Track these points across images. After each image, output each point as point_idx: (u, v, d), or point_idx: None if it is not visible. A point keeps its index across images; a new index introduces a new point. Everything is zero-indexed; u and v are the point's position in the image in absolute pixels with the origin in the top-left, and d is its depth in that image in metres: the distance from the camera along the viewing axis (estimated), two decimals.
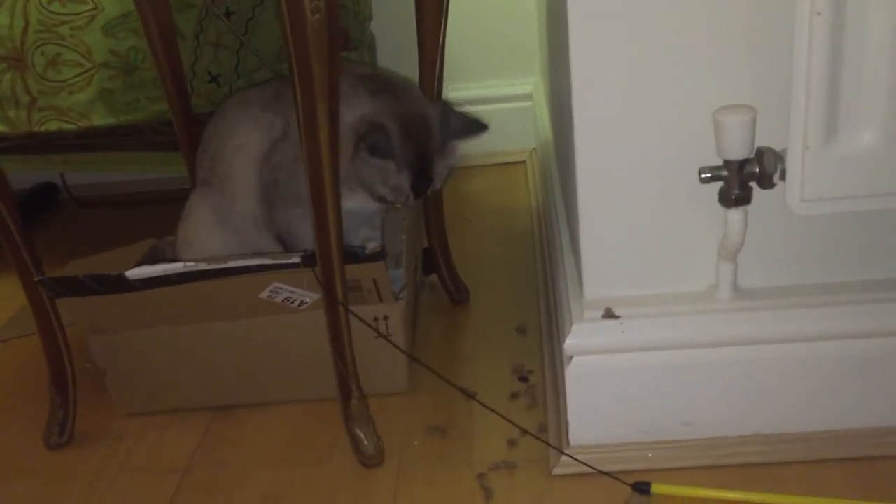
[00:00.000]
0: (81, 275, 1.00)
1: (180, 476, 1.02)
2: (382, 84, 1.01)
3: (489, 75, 1.83)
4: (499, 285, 1.37)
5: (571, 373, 0.91)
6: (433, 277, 1.33)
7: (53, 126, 1.37)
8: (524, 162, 1.86)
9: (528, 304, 1.29)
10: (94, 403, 1.14)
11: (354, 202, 1.00)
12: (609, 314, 0.90)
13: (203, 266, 0.99)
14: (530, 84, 1.85)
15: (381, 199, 1.01)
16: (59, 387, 1.09)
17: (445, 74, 1.19)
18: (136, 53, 1.33)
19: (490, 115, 1.05)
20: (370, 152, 0.96)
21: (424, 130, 1.00)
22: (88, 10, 1.32)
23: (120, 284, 1.00)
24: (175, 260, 1.04)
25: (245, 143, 1.04)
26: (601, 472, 0.91)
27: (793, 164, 0.76)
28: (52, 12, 1.32)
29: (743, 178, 0.81)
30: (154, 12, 1.13)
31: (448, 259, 1.31)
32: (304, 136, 0.88)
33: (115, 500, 1.00)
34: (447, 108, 1.03)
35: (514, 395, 1.08)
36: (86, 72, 1.34)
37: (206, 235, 1.07)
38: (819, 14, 0.70)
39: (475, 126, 1.02)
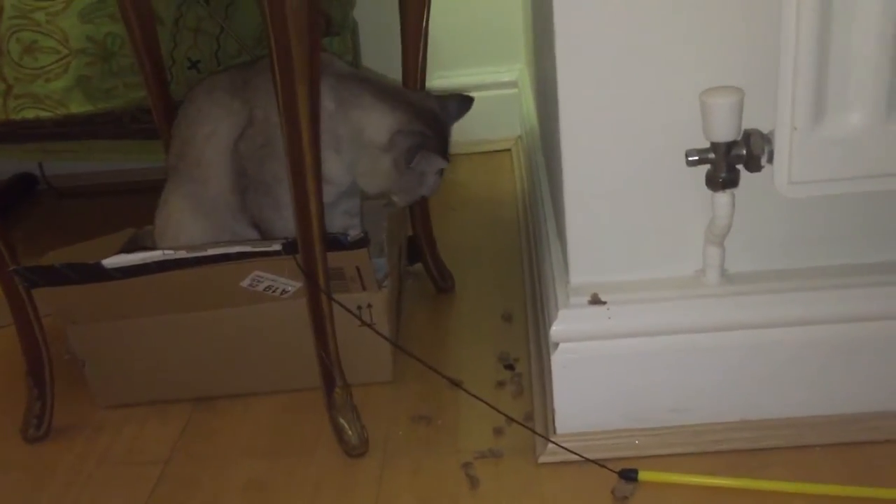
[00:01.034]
0: (58, 263, 0.98)
1: (161, 468, 1.00)
2: (388, 89, 1.01)
3: (474, 63, 1.82)
4: (484, 273, 1.36)
5: (558, 360, 0.90)
6: (418, 266, 1.32)
7: (30, 114, 1.34)
8: (509, 150, 1.84)
9: (513, 292, 1.28)
10: (73, 395, 1.12)
11: (333, 190, 0.99)
12: (595, 300, 0.89)
13: (182, 254, 0.97)
14: (515, 71, 1.83)
15: (414, 198, 1.05)
16: (37, 379, 1.07)
17: (429, 62, 1.17)
18: (113, 39, 1.30)
19: (475, 103, 1.05)
20: (422, 163, 0.98)
21: (441, 124, 1.02)
22: None
23: (97, 273, 0.98)
24: (155, 248, 1.02)
25: (216, 131, 1.02)
26: (588, 460, 0.90)
27: (780, 146, 0.75)
28: None
29: (730, 161, 0.80)
30: None
31: (433, 247, 1.30)
32: (285, 121, 0.86)
33: (95, 493, 0.98)
34: (438, 97, 1.05)
35: (501, 384, 1.07)
36: (62, 58, 1.31)
37: (182, 223, 1.05)
38: None
39: (465, 103, 1.05)
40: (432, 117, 1.01)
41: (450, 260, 1.33)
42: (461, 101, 1.05)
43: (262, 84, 0.97)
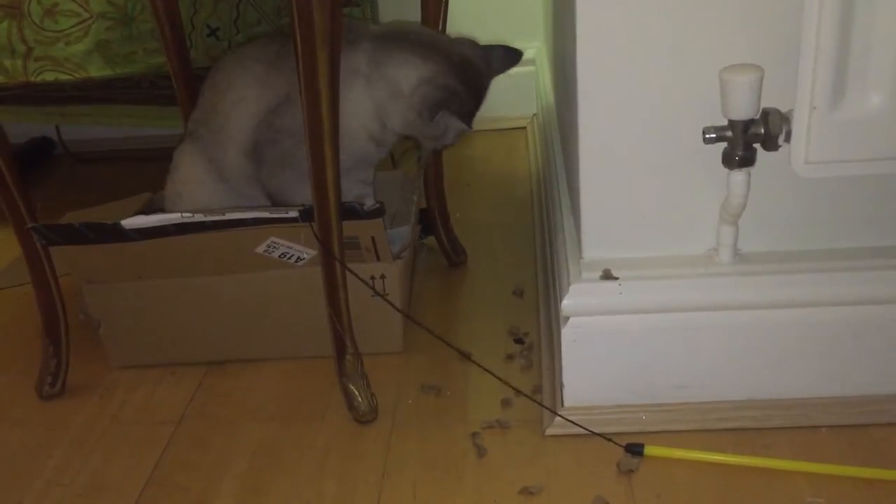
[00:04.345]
0: (76, 222, 0.99)
1: (172, 428, 1.02)
2: (425, 40, 1.00)
3: (492, 39, 1.80)
4: (497, 249, 1.36)
5: (568, 334, 0.90)
6: (431, 239, 1.33)
7: (50, 77, 1.35)
8: (524, 128, 1.84)
9: (525, 268, 1.28)
10: (88, 355, 1.14)
11: (349, 157, 1.00)
12: (607, 275, 0.90)
13: (200, 217, 0.98)
14: (533, 49, 1.83)
15: (438, 147, 1.04)
16: (52, 337, 1.08)
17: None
18: (134, 4, 1.31)
19: (492, 82, 1.04)
20: (450, 112, 0.96)
21: (478, 76, 1.00)
22: None
23: (115, 234, 0.99)
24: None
25: (245, 98, 1.02)
26: (594, 434, 0.90)
27: (798, 126, 0.75)
28: None
29: (747, 139, 0.80)
30: None
31: (446, 221, 1.30)
32: (304, 88, 0.87)
33: (107, 451, 0.99)
34: (483, 47, 1.03)
35: (510, 357, 1.08)
36: (83, 22, 1.32)
37: (195, 187, 1.06)
38: None
39: (512, 55, 1.03)
40: (469, 68, 0.99)
41: (463, 234, 1.34)
42: (507, 53, 1.03)
43: None
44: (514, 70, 1.79)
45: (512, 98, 1.82)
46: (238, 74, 1.03)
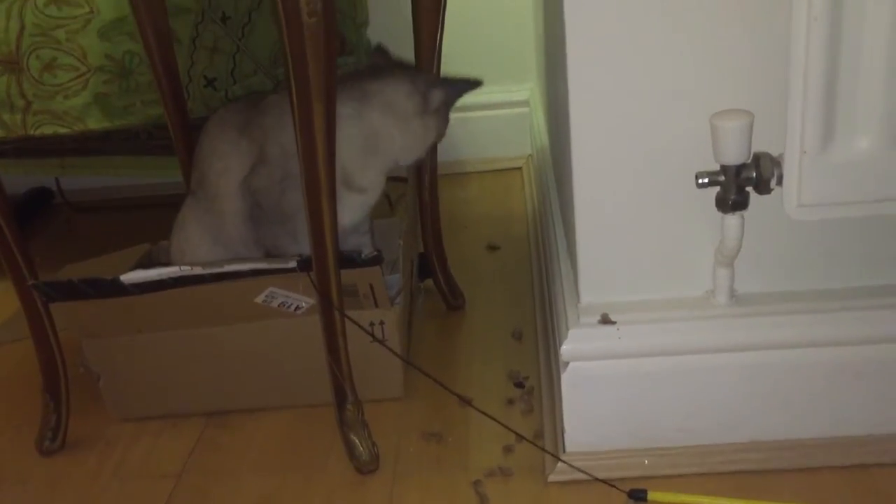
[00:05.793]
0: (76, 279, 1.00)
1: (174, 482, 1.01)
2: (386, 64, 1.08)
3: (486, 81, 1.83)
4: (495, 291, 1.36)
5: (568, 379, 0.90)
6: (429, 282, 1.33)
7: (48, 130, 1.37)
8: (520, 168, 1.86)
9: (524, 310, 1.29)
10: (87, 408, 1.13)
11: (344, 210, 1.01)
12: (606, 320, 0.90)
13: (199, 270, 0.99)
14: (527, 90, 1.85)
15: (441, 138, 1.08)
16: (52, 392, 1.08)
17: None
18: (131, 58, 1.33)
19: (486, 122, 1.07)
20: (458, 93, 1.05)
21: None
22: (84, 14, 1.31)
23: (115, 288, 1.00)
24: (170, 265, 1.03)
25: (228, 167, 1.04)
26: (597, 479, 0.90)
27: (789, 170, 0.76)
28: (49, 16, 1.32)
29: (740, 184, 0.81)
30: (150, 17, 1.12)
31: (444, 264, 1.31)
32: (301, 140, 0.88)
33: None
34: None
35: (510, 401, 1.08)
36: (81, 76, 1.34)
37: (197, 248, 1.07)
38: (816, 19, 0.70)
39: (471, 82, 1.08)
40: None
41: (461, 277, 1.34)
42: (466, 81, 1.07)
43: (271, 121, 1.01)
44: (509, 111, 1.84)
45: (507, 138, 1.84)
46: (220, 141, 1.06)
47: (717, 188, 0.82)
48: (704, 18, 0.79)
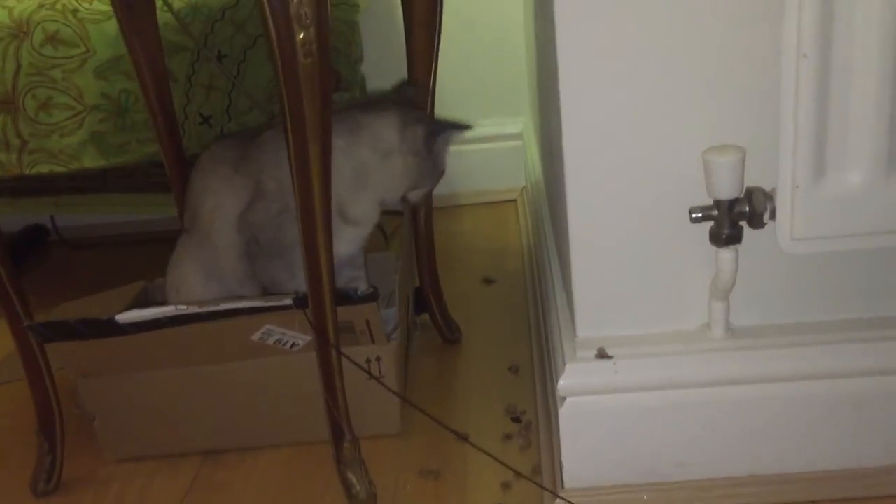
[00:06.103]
0: (72, 319, 1.00)
1: None
2: (377, 99, 1.06)
3: (479, 115, 1.83)
4: (491, 325, 1.36)
5: (565, 414, 0.90)
6: (425, 317, 1.33)
7: (44, 169, 1.37)
8: (514, 201, 1.86)
9: (520, 344, 1.28)
10: (82, 449, 1.12)
11: (340, 242, 1.01)
12: (602, 354, 0.90)
13: (195, 309, 0.98)
14: (520, 123, 1.86)
15: (436, 181, 1.07)
16: (47, 433, 1.07)
17: (436, 114, 1.19)
18: (127, 96, 1.34)
19: (480, 155, 1.07)
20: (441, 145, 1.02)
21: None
22: (80, 54, 1.32)
23: (111, 328, 0.99)
24: (166, 303, 1.03)
25: (221, 204, 1.04)
26: None
27: (782, 204, 0.77)
28: (45, 56, 1.33)
29: (733, 218, 0.81)
30: (146, 56, 1.13)
31: (440, 298, 1.31)
32: (297, 178, 0.88)
33: None
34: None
35: (508, 437, 1.07)
36: (77, 114, 1.34)
37: (192, 285, 1.07)
38: (805, 56, 0.71)
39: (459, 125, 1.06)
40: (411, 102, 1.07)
41: (456, 311, 1.34)
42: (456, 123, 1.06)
43: (267, 156, 1.01)
44: (503, 144, 1.85)
45: (501, 171, 1.85)
46: (213, 178, 1.06)
47: (711, 223, 0.83)
48: (696, 56, 0.80)
